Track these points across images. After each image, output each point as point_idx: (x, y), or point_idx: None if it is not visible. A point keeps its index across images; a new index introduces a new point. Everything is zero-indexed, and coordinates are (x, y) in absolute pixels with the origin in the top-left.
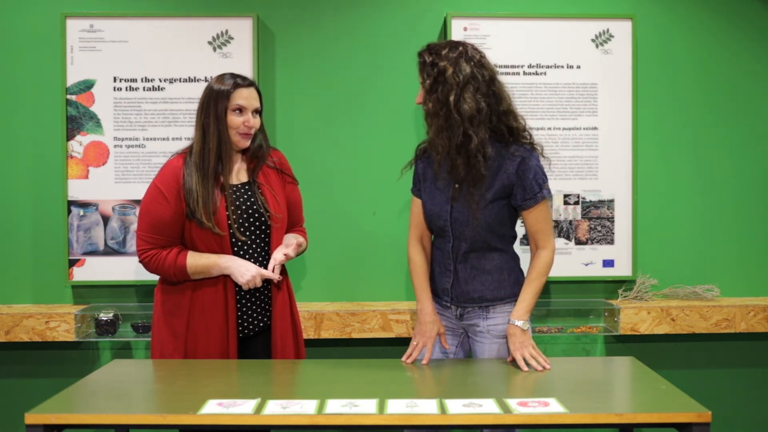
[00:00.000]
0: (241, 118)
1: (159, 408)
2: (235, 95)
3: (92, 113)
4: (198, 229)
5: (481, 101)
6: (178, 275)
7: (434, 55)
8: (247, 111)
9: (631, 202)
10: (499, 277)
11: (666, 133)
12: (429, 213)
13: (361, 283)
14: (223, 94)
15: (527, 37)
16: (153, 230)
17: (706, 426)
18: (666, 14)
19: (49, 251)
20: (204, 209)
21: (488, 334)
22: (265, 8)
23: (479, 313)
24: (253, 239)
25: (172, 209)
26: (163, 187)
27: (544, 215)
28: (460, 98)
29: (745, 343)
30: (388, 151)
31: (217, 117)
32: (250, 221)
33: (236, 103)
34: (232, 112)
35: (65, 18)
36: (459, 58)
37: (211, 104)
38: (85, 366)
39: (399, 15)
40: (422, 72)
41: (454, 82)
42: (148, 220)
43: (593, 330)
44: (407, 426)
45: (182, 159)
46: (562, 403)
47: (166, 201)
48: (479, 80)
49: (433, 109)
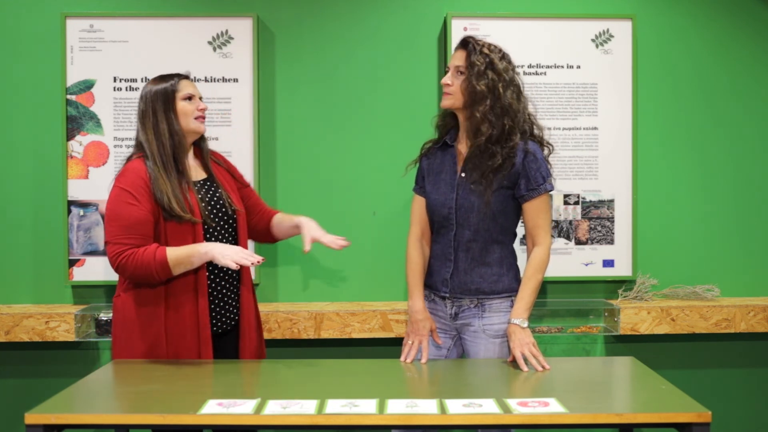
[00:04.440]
0: (193, 105)
1: (159, 408)
2: (181, 86)
3: (92, 113)
4: (172, 227)
5: (516, 102)
6: (159, 271)
7: (482, 45)
8: (196, 97)
9: (631, 202)
10: (499, 270)
11: (666, 133)
12: (433, 203)
13: (361, 283)
14: (169, 90)
15: (527, 37)
16: (126, 232)
17: (706, 426)
18: (666, 14)
19: (49, 251)
20: (178, 205)
21: (483, 333)
22: (265, 8)
23: (474, 312)
24: (221, 232)
25: (145, 208)
26: (131, 189)
27: (545, 210)
28: (506, 92)
29: (745, 343)
30: (389, 151)
31: (166, 113)
32: (219, 215)
33: (186, 92)
34: (182, 102)
35: (65, 18)
36: (503, 59)
37: (158, 103)
38: (85, 366)
39: (399, 15)
40: (471, 56)
41: (503, 75)
42: (119, 223)
43: (593, 330)
44: (405, 426)
45: (142, 161)
46: (562, 403)
47: (137, 201)
48: (516, 84)
49: (483, 92)
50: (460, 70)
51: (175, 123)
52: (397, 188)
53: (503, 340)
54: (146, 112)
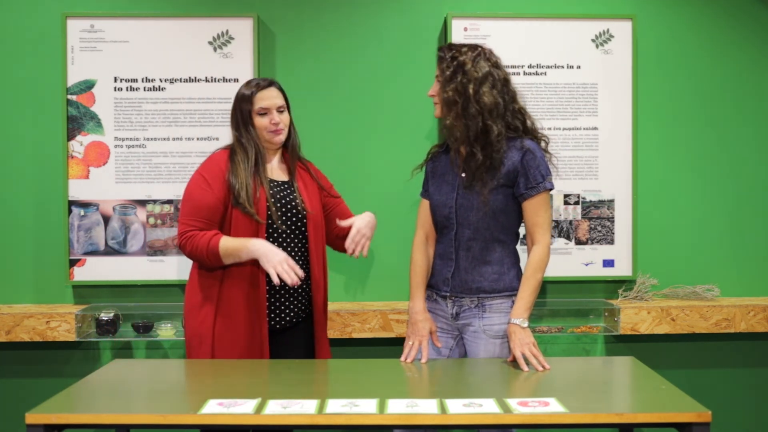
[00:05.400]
0: (267, 119)
1: (159, 408)
2: (257, 98)
3: (93, 113)
4: (238, 218)
5: (497, 96)
6: (211, 257)
7: (454, 50)
8: (271, 111)
9: (631, 202)
10: (500, 269)
11: (666, 133)
12: (436, 203)
13: (361, 283)
14: (246, 98)
15: (527, 37)
16: (194, 215)
17: (706, 426)
18: (666, 14)
19: (50, 251)
20: (246, 196)
21: (483, 334)
22: (265, 8)
23: (475, 312)
24: (288, 233)
25: (215, 195)
26: (206, 175)
27: (544, 208)
28: (478, 90)
29: (745, 343)
30: (390, 151)
31: (245, 120)
32: (288, 215)
33: (259, 106)
34: (257, 116)
35: (66, 18)
36: (478, 57)
37: (239, 108)
38: (85, 366)
39: (399, 15)
40: (441, 64)
41: (473, 75)
42: (189, 205)
43: (593, 330)
44: (405, 426)
45: (227, 153)
46: (562, 403)
47: (209, 187)
48: (495, 78)
49: (452, 97)
50: (437, 78)
51: (254, 133)
52: (398, 189)
53: (503, 341)
54: (233, 116)
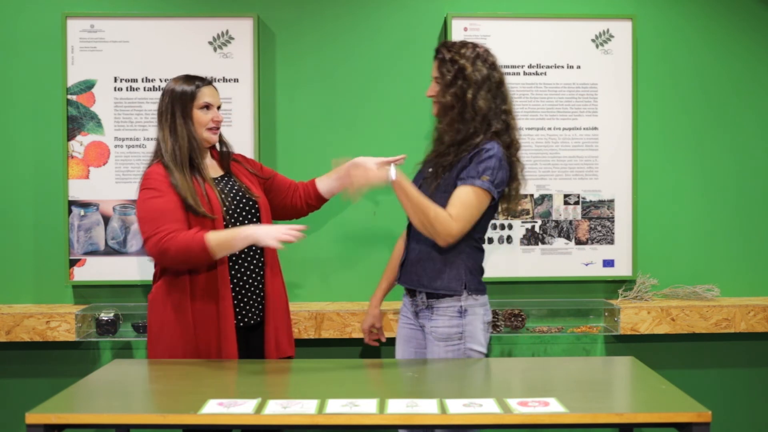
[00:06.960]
0: (209, 115)
1: (159, 408)
2: (200, 94)
3: (93, 113)
4: (193, 220)
5: (491, 101)
6: (200, 253)
7: (453, 52)
8: (213, 107)
9: (631, 202)
10: (441, 267)
11: (666, 133)
12: None
13: (361, 283)
14: (188, 94)
15: (527, 37)
16: (160, 222)
17: (706, 426)
18: (666, 14)
19: (50, 251)
20: (193, 199)
21: (431, 335)
22: (265, 8)
23: (426, 314)
24: (246, 223)
25: (172, 199)
26: (153, 186)
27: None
28: (476, 95)
29: (745, 343)
30: (389, 151)
31: (184, 117)
32: (240, 206)
33: (203, 101)
34: (199, 110)
35: (66, 18)
36: (476, 59)
37: (177, 105)
38: (85, 366)
39: (399, 15)
40: (441, 67)
41: (472, 80)
42: (153, 215)
43: (593, 330)
44: (406, 426)
45: (159, 165)
46: (562, 403)
47: (162, 194)
48: (492, 81)
49: (450, 102)
50: (437, 80)
51: (192, 129)
52: None
53: (447, 344)
54: (165, 112)
